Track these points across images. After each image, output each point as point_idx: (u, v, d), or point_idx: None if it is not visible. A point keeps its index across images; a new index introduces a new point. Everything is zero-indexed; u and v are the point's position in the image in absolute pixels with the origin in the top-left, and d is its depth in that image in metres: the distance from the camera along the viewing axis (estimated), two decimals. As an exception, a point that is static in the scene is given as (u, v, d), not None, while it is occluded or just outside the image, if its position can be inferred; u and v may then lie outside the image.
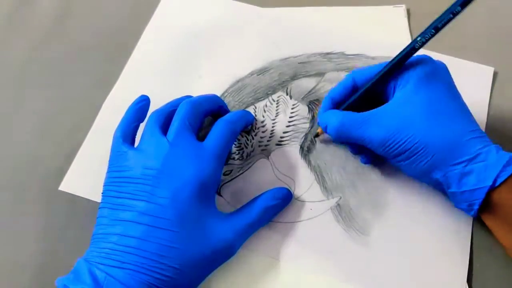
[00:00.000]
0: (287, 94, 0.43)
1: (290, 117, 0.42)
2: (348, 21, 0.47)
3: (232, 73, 0.44)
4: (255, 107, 0.43)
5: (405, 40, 0.45)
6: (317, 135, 0.41)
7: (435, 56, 0.38)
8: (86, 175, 0.41)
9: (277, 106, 0.43)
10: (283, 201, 0.37)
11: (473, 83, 0.43)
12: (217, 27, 0.47)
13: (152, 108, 0.38)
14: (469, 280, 0.36)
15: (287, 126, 0.42)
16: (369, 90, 0.37)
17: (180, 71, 0.45)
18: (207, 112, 0.39)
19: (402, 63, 0.35)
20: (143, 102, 0.38)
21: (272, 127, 0.42)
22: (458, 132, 0.34)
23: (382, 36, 0.46)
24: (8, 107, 0.45)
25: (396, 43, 0.40)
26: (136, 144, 0.37)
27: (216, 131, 0.36)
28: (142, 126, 0.38)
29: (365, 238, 0.38)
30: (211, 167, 0.34)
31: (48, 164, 0.42)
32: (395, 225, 0.38)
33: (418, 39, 0.34)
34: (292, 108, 0.43)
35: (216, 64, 0.45)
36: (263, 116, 0.42)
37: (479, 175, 0.33)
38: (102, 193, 0.35)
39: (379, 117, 0.35)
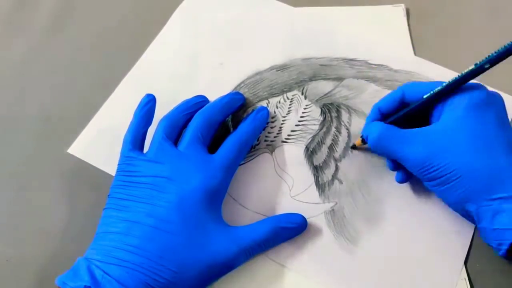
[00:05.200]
0: (302, 94, 0.43)
1: (301, 117, 0.42)
2: (347, 21, 0.47)
3: (252, 64, 0.45)
4: (268, 102, 0.43)
5: (404, 40, 0.46)
6: (354, 146, 0.40)
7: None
8: (95, 143, 0.42)
9: (290, 104, 0.43)
10: (296, 227, 0.37)
11: None
12: (246, 20, 0.47)
13: (168, 94, 0.39)
14: (470, 281, 0.36)
15: (297, 125, 0.42)
16: (420, 108, 0.36)
17: (202, 57, 0.46)
18: (221, 122, 0.40)
19: (461, 85, 0.34)
20: (149, 104, 0.38)
21: (282, 124, 0.42)
22: (499, 168, 0.32)
23: (386, 38, 0.46)
24: (8, 107, 0.45)
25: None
26: (145, 148, 0.37)
27: (227, 145, 0.37)
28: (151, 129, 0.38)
29: (353, 248, 0.37)
30: (219, 177, 0.35)
31: (47, 164, 0.42)
32: (386, 240, 0.37)
33: (484, 62, 0.33)
34: (305, 108, 0.43)
35: (239, 54, 0.46)
36: (275, 112, 0.42)
37: None
38: (108, 195, 0.35)
39: (421, 137, 0.34)
